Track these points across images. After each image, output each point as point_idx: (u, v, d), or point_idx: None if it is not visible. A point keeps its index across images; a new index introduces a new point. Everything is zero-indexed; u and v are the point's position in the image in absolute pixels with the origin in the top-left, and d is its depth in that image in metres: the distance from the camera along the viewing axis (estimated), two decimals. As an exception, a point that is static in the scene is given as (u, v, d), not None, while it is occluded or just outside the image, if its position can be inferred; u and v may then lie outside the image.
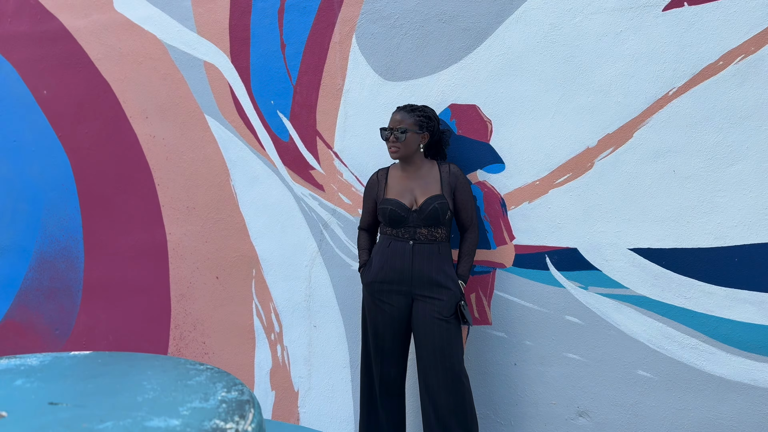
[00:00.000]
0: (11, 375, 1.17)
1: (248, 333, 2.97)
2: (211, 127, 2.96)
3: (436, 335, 2.29)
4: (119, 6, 3.09)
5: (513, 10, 2.42)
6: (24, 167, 3.35)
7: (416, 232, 2.34)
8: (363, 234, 2.57)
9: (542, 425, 2.50)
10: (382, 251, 2.40)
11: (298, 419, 2.91)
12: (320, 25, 2.73)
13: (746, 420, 2.22)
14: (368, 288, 2.42)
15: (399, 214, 2.34)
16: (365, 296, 2.45)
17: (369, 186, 2.51)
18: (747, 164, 2.16)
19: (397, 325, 2.38)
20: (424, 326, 2.31)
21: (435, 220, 2.32)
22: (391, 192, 2.41)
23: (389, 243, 2.38)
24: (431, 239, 2.34)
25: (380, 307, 2.39)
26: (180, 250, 3.07)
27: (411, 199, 2.37)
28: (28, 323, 3.40)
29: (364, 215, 2.55)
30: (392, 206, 2.35)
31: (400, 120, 2.37)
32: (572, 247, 2.40)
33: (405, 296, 2.35)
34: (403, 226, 2.35)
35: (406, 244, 2.34)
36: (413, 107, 2.40)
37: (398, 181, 2.42)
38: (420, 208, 2.33)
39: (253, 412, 1.03)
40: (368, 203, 2.52)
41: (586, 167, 2.37)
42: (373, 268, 2.40)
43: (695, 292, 2.26)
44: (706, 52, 2.18)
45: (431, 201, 2.32)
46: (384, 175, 2.48)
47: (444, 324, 2.29)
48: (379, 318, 2.40)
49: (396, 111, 2.41)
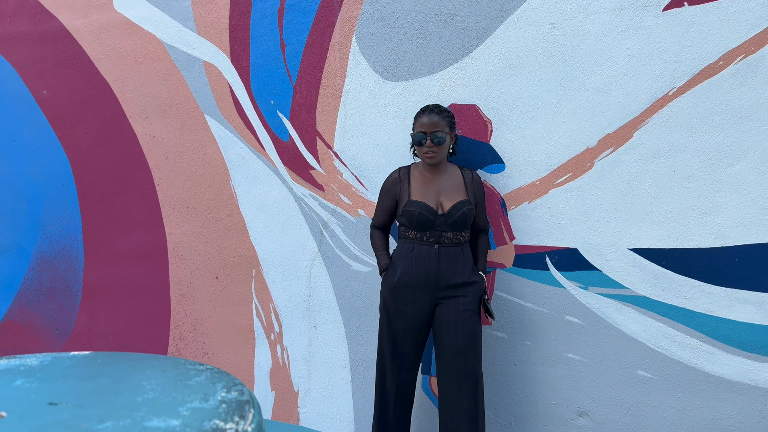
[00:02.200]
0: (11, 375, 1.17)
1: (248, 333, 2.97)
2: (211, 127, 2.96)
3: (460, 332, 2.26)
4: (119, 6, 3.09)
5: (513, 10, 2.42)
6: (24, 167, 3.35)
7: (442, 236, 2.29)
8: (378, 233, 2.49)
9: (542, 425, 2.50)
10: (405, 255, 2.32)
11: (298, 419, 2.91)
12: (320, 25, 2.73)
13: (746, 420, 2.22)
14: (392, 292, 2.35)
15: (427, 218, 2.28)
16: (386, 300, 2.38)
17: (389, 183, 2.40)
18: (747, 164, 2.16)
19: (417, 330, 2.34)
20: (448, 325, 2.28)
21: (462, 224, 2.29)
22: (416, 194, 2.32)
23: (413, 247, 2.31)
24: (456, 242, 2.31)
25: (403, 312, 2.33)
26: (180, 250, 3.07)
27: (436, 202, 2.31)
28: (28, 323, 3.40)
29: (379, 213, 2.45)
30: (420, 209, 2.28)
31: (435, 123, 2.27)
32: (572, 247, 2.40)
33: (429, 301, 2.31)
34: (429, 230, 2.29)
35: (432, 248, 2.29)
36: (440, 107, 2.32)
37: (422, 183, 2.34)
38: (448, 213, 2.28)
39: (252, 413, 1.03)
40: (386, 201, 2.41)
41: (586, 167, 2.37)
42: (398, 272, 2.33)
43: (695, 292, 2.26)
44: (706, 52, 2.18)
45: (460, 206, 2.28)
46: (406, 175, 2.38)
47: (470, 319, 2.27)
48: (400, 323, 2.34)
49: (426, 113, 2.30)
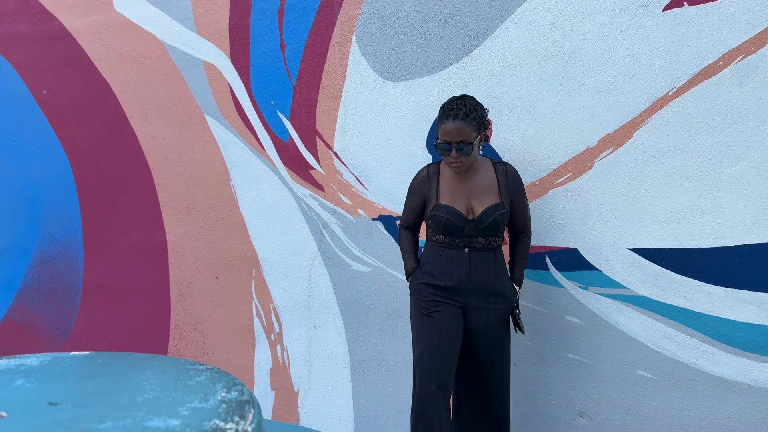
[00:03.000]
0: (11, 375, 1.17)
1: (248, 333, 2.97)
2: (211, 127, 2.96)
3: (489, 347, 2.19)
4: (119, 6, 3.09)
5: (513, 10, 2.42)
6: (24, 167, 3.34)
7: (472, 241, 2.17)
8: (406, 234, 2.36)
9: (542, 425, 2.49)
10: (434, 260, 2.21)
11: (298, 419, 2.91)
12: (320, 25, 2.73)
13: (746, 420, 2.21)
14: (418, 297, 2.24)
15: (455, 224, 2.15)
16: (416, 306, 2.26)
17: (418, 182, 2.27)
18: (747, 164, 2.16)
19: (451, 336, 2.19)
20: (476, 337, 2.20)
21: (494, 230, 2.16)
22: (445, 196, 2.19)
23: (441, 251, 2.19)
24: (488, 247, 2.19)
25: (436, 318, 2.20)
26: (180, 251, 3.07)
27: (467, 206, 2.17)
28: (28, 323, 3.40)
29: (407, 213, 2.33)
30: (448, 215, 2.15)
31: (460, 130, 2.07)
32: (572, 247, 2.40)
33: (458, 307, 2.20)
34: (458, 236, 2.17)
35: (462, 252, 2.17)
36: (466, 110, 2.09)
37: (452, 184, 2.20)
38: (479, 219, 2.15)
39: (252, 413, 1.03)
40: (415, 200, 2.28)
41: (586, 167, 2.37)
42: (425, 276, 2.23)
43: (695, 292, 2.26)
44: (706, 52, 2.18)
45: (491, 212, 2.15)
46: (435, 174, 2.24)
47: (498, 338, 2.19)
48: (435, 330, 2.19)
49: (450, 119, 2.08)
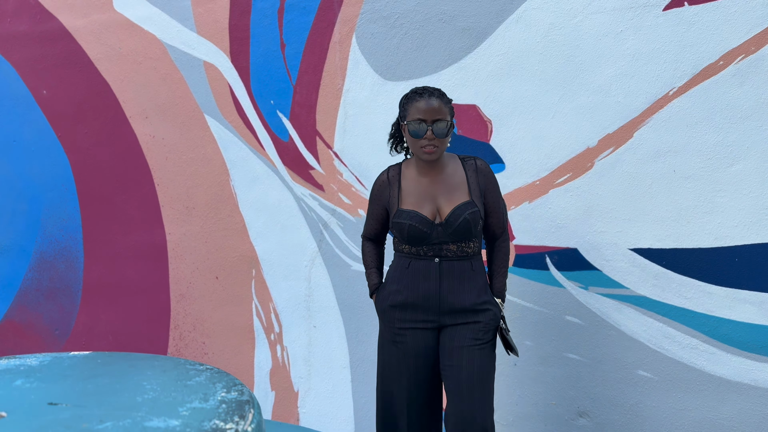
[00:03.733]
0: (11, 375, 1.17)
1: (248, 333, 2.97)
2: (211, 127, 2.96)
3: (465, 368, 1.83)
4: (119, 6, 3.09)
5: (513, 10, 2.42)
6: (24, 167, 3.34)
7: (442, 249, 1.87)
8: (369, 246, 2.09)
9: (542, 425, 2.50)
10: (400, 273, 1.91)
11: (298, 419, 2.91)
12: (320, 24, 2.73)
13: (746, 420, 2.21)
14: (385, 317, 1.95)
15: (421, 231, 1.85)
16: (381, 331, 1.99)
17: (378, 188, 1.99)
18: (747, 164, 2.16)
19: (423, 365, 1.91)
20: (451, 358, 1.87)
21: (466, 234, 1.86)
22: (408, 200, 1.89)
23: (408, 263, 1.90)
24: (461, 255, 1.88)
25: (402, 343, 1.91)
26: (180, 250, 3.07)
27: (433, 209, 1.88)
28: (28, 323, 3.40)
29: (369, 222, 2.05)
30: (411, 221, 1.86)
31: (437, 109, 1.79)
32: (572, 247, 2.40)
33: (431, 330, 1.90)
34: (426, 244, 1.87)
35: (431, 263, 1.87)
36: (440, 92, 1.85)
37: (416, 185, 1.91)
38: (446, 221, 1.85)
39: (252, 413, 1.03)
40: (376, 209, 2.00)
41: (586, 167, 2.37)
42: (389, 293, 1.93)
43: (695, 292, 2.26)
44: (706, 52, 2.18)
45: (460, 211, 1.85)
46: (396, 176, 1.95)
47: (478, 355, 1.85)
48: (401, 358, 1.92)
49: (425, 96, 1.81)
